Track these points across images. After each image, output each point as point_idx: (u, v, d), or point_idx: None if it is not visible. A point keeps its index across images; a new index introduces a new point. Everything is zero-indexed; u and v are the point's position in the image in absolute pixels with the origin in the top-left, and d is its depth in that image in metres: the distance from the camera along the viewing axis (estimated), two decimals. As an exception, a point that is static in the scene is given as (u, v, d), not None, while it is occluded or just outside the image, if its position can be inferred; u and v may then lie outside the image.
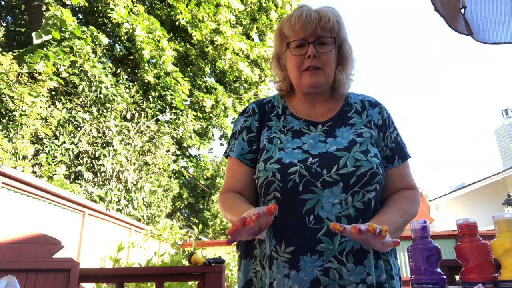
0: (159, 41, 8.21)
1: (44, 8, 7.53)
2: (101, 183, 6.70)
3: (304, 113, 1.14)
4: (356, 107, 1.14)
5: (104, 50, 8.56)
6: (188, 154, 11.05)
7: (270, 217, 0.86)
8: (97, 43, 7.40)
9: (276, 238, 0.98)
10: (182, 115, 8.86)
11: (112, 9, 7.63)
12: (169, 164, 8.55)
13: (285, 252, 0.96)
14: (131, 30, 7.69)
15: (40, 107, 5.68)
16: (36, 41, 6.35)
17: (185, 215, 13.87)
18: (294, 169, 0.98)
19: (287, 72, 1.15)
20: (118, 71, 8.78)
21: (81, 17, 9.37)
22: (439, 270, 0.89)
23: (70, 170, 6.45)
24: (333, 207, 0.95)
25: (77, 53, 6.78)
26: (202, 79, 10.51)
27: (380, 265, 0.98)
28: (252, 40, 11.38)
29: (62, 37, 6.72)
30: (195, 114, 9.58)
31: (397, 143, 1.12)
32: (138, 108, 8.26)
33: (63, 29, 6.68)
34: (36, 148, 6.01)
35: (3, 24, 9.53)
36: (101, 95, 7.13)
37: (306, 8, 1.08)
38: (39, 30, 6.46)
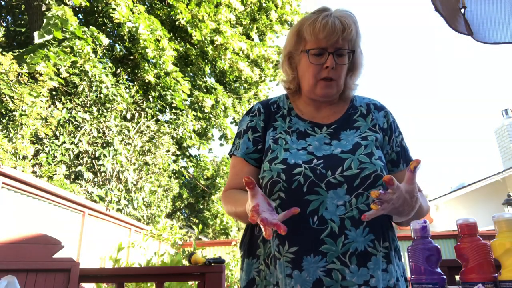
0: (159, 40, 8.21)
1: (44, 8, 7.53)
2: (101, 183, 6.70)
3: (310, 114, 1.14)
4: (361, 110, 1.15)
5: (104, 50, 8.56)
6: (188, 154, 11.06)
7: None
8: (98, 43, 7.40)
9: (279, 238, 0.98)
10: (182, 115, 8.87)
11: (114, 9, 7.63)
12: (169, 164, 8.56)
13: (288, 252, 0.96)
14: (134, 29, 7.68)
15: (40, 107, 5.68)
16: (38, 40, 6.35)
17: (185, 215, 13.87)
18: (299, 170, 0.98)
19: (297, 72, 1.14)
20: (118, 71, 8.79)
21: (81, 17, 9.37)
22: (439, 270, 0.89)
23: (70, 170, 6.45)
24: (337, 209, 0.96)
25: (77, 53, 6.78)
26: (202, 79, 10.51)
27: (390, 269, 0.98)
28: (252, 40, 11.38)
29: (63, 37, 6.72)
30: (195, 114, 9.58)
31: (402, 147, 1.13)
32: (138, 108, 8.27)
33: (63, 29, 6.68)
34: (36, 148, 6.02)
35: (3, 24, 9.53)
36: (101, 95, 7.13)
37: (331, 15, 1.05)
38: (41, 30, 6.45)
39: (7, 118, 5.49)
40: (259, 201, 0.85)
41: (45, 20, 6.52)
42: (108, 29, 9.32)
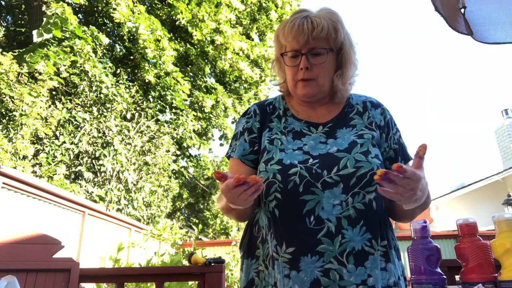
0: (159, 40, 8.21)
1: (44, 7, 7.52)
2: (101, 183, 6.70)
3: (305, 114, 1.14)
4: (358, 108, 1.14)
5: (104, 50, 8.56)
6: (188, 154, 11.06)
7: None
8: (98, 43, 7.40)
9: (277, 239, 0.99)
10: (182, 115, 8.87)
11: (114, 9, 7.62)
12: (169, 164, 8.55)
13: (285, 253, 0.96)
14: (134, 29, 7.68)
15: (40, 107, 5.68)
16: (37, 39, 6.33)
17: (185, 215, 13.87)
18: (295, 170, 0.98)
19: (285, 75, 1.16)
20: (118, 71, 8.79)
21: (81, 17, 9.38)
22: (439, 270, 0.89)
23: (70, 170, 6.45)
24: (333, 208, 0.95)
25: (77, 53, 6.78)
26: (202, 79, 10.51)
27: (390, 268, 0.98)
28: (252, 40, 11.38)
29: (63, 37, 6.72)
30: (195, 114, 9.58)
31: (400, 145, 1.12)
32: (138, 108, 8.27)
33: (63, 28, 6.68)
34: (36, 148, 6.02)
35: (3, 24, 9.52)
36: (101, 95, 7.13)
37: (300, 16, 1.06)
38: (40, 29, 6.44)
39: (7, 118, 5.49)
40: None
41: (44, 19, 6.51)
42: (108, 29, 9.32)
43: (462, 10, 1.60)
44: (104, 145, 6.89)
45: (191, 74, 10.41)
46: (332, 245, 0.93)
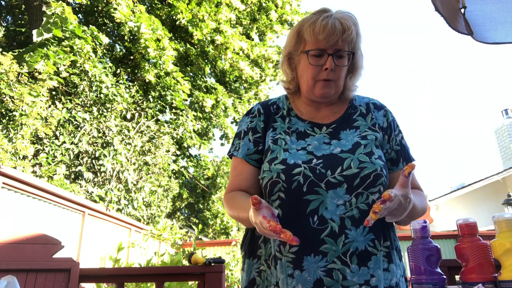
0: (159, 40, 8.22)
1: (44, 7, 7.52)
2: (101, 183, 6.70)
3: (309, 115, 1.14)
4: (361, 110, 1.15)
5: (104, 50, 8.56)
6: (188, 154, 11.06)
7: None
8: (98, 43, 7.40)
9: None
10: (182, 115, 8.87)
11: (115, 9, 7.62)
12: (169, 164, 8.55)
13: (289, 252, 0.97)
14: (135, 29, 7.67)
15: (40, 107, 5.68)
16: (37, 39, 6.32)
17: (185, 215, 13.86)
18: (299, 170, 0.99)
19: (297, 73, 1.15)
20: (118, 71, 8.78)
21: (81, 17, 9.38)
22: (439, 270, 0.89)
23: (70, 170, 6.45)
24: (337, 208, 0.96)
25: (77, 53, 6.78)
26: (202, 79, 10.51)
27: (392, 268, 0.98)
28: (252, 40, 11.39)
29: (63, 37, 6.71)
30: (195, 114, 9.58)
31: (402, 146, 1.13)
32: (138, 108, 8.26)
33: (63, 28, 6.67)
34: (36, 148, 6.01)
35: (3, 24, 9.53)
36: (101, 95, 7.13)
37: (331, 16, 1.05)
38: (40, 28, 6.43)
39: (7, 118, 5.49)
40: (265, 214, 0.86)
41: (44, 19, 6.50)
42: (108, 29, 9.32)
43: (462, 10, 1.60)
44: (104, 145, 6.89)
45: (191, 74, 10.41)
46: (336, 245, 0.94)
